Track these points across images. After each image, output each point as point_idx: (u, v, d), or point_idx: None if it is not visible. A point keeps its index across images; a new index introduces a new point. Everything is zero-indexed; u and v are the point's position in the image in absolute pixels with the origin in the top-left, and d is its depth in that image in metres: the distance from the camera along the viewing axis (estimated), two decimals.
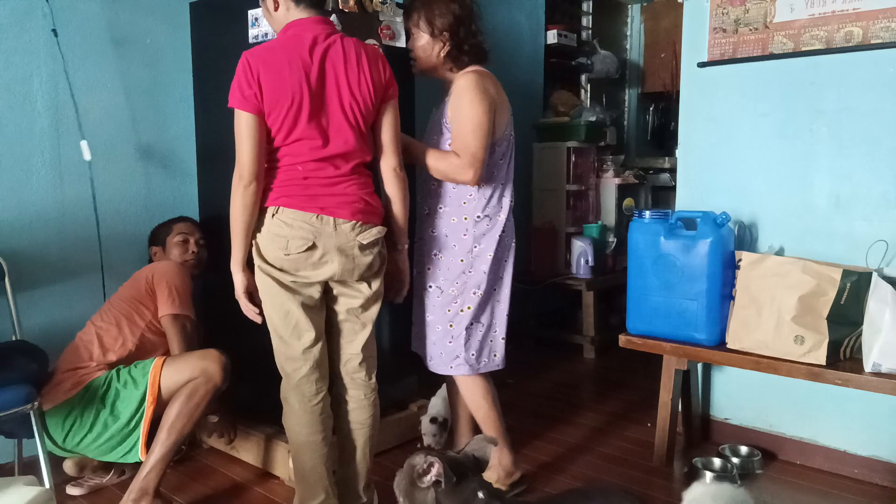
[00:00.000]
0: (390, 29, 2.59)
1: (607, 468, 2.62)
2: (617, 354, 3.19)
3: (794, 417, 2.67)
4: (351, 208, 1.93)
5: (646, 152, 5.26)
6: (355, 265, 1.96)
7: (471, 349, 2.27)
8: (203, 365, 2.23)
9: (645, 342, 2.58)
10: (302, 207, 1.90)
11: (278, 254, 1.91)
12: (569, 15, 4.84)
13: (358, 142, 1.94)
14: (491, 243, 2.24)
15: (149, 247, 2.67)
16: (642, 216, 2.60)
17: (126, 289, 2.45)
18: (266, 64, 1.85)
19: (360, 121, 1.94)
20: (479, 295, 2.25)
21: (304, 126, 1.88)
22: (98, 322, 2.38)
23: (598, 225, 4.18)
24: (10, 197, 2.48)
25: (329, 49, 1.90)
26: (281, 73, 1.85)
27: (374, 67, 1.95)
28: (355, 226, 1.94)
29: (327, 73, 1.89)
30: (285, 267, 1.93)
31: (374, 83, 1.94)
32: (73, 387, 2.21)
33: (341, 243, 1.93)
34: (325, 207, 1.91)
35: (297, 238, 1.90)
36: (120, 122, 2.73)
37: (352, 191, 1.95)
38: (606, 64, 4.88)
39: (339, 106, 1.91)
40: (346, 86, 1.91)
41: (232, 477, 2.55)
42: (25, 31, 2.47)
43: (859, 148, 2.44)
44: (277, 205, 1.91)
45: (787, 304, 2.25)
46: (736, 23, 2.64)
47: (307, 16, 1.93)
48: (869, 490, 2.45)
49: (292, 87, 1.85)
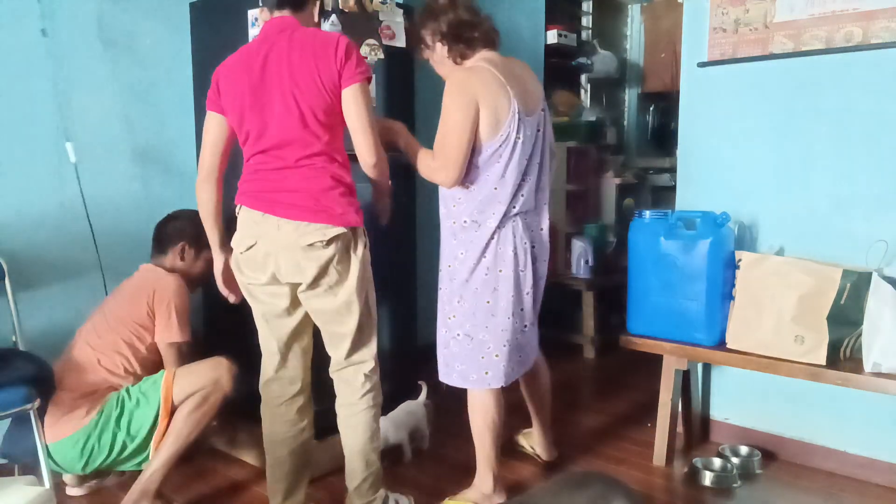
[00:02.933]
0: (390, 29, 2.59)
1: (607, 468, 2.62)
2: (617, 354, 3.19)
3: (794, 417, 2.67)
4: (295, 208, 1.87)
5: (646, 152, 5.26)
6: (299, 268, 1.90)
7: (458, 361, 2.20)
8: (214, 375, 2.25)
9: (645, 342, 2.58)
10: (251, 205, 1.93)
11: (235, 252, 2.00)
12: (569, 15, 4.84)
13: (301, 131, 1.87)
14: (474, 251, 2.13)
15: (177, 241, 2.47)
16: (642, 216, 2.60)
17: (123, 304, 2.35)
18: (225, 70, 1.96)
19: (304, 108, 1.86)
20: (464, 305, 2.17)
21: (249, 119, 1.91)
22: (93, 341, 2.30)
23: (598, 225, 4.18)
24: (10, 197, 2.48)
25: (277, 42, 1.89)
26: (234, 73, 1.93)
27: (324, 52, 1.86)
28: (299, 226, 1.87)
29: (269, 65, 1.88)
30: (240, 266, 2.00)
31: (321, 68, 1.85)
32: (87, 413, 2.19)
33: (284, 244, 1.89)
34: (272, 205, 1.89)
35: (242, 237, 1.96)
36: (119, 122, 2.73)
37: (299, 185, 1.88)
38: (606, 64, 4.89)
39: (280, 95, 1.87)
40: (289, 75, 1.86)
41: (232, 477, 2.55)
42: (25, 30, 2.47)
43: (859, 148, 2.44)
44: (238, 203, 1.98)
45: (787, 304, 2.25)
46: (736, 23, 2.64)
47: (275, 17, 1.96)
48: (869, 490, 2.45)
49: (240, 84, 1.91)
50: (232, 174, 2.03)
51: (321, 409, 2.53)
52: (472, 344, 2.18)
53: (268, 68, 1.88)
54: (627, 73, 5.35)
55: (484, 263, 2.15)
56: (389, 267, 2.55)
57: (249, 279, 2.00)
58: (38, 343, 2.39)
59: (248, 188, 1.94)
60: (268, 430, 2.13)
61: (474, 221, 2.14)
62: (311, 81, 1.85)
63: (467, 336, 2.18)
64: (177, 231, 2.48)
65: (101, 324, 2.35)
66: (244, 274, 2.00)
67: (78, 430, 2.18)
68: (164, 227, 2.51)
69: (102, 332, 2.33)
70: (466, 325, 2.18)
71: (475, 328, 2.17)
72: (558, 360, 3.99)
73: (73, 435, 2.17)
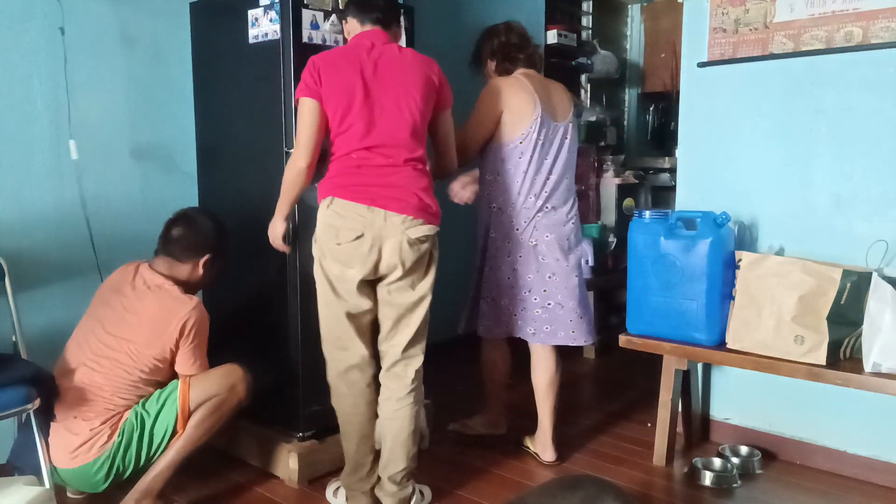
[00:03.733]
0: None
1: (607, 468, 2.62)
2: (617, 354, 3.19)
3: (794, 417, 2.67)
4: (402, 203, 2.01)
5: (646, 152, 5.25)
6: (401, 259, 2.02)
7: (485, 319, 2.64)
8: (229, 382, 2.24)
9: (645, 342, 2.58)
10: (354, 199, 2.00)
11: (331, 244, 2.02)
12: (569, 15, 4.83)
13: (409, 135, 2.05)
14: (501, 233, 2.54)
15: (203, 252, 2.29)
16: (642, 216, 2.60)
17: (139, 332, 2.16)
18: (326, 62, 2.04)
19: (415, 116, 2.06)
20: (492, 275, 2.59)
21: (355, 114, 2.01)
22: (96, 367, 2.15)
23: (598, 225, 4.18)
24: (10, 197, 2.47)
25: (385, 52, 2.09)
26: (338, 68, 2.03)
27: (425, 70, 2.11)
28: (405, 220, 2.01)
29: (381, 70, 2.05)
30: (336, 257, 2.03)
31: (424, 83, 2.09)
32: (108, 439, 2.14)
33: (390, 235, 2.00)
34: (377, 199, 1.99)
35: (348, 228, 1.99)
36: (119, 122, 2.73)
37: (405, 183, 2.03)
38: (606, 64, 4.88)
39: (394, 100, 2.04)
40: (402, 84, 2.06)
41: (232, 477, 2.55)
42: (26, 31, 2.47)
43: (859, 148, 2.44)
44: (332, 195, 2.02)
45: (787, 304, 2.25)
46: (736, 23, 2.64)
47: (370, 29, 2.13)
48: (869, 490, 2.45)
49: (347, 79, 2.02)
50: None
51: (321, 409, 2.54)
52: (496, 307, 2.58)
53: (381, 72, 2.05)
54: (627, 73, 5.34)
55: (507, 247, 2.54)
56: None
57: (340, 273, 2.04)
58: (38, 342, 2.38)
59: (350, 182, 2.01)
60: (351, 413, 2.17)
61: (499, 208, 2.53)
62: (420, 96, 2.08)
63: (493, 300, 2.59)
64: (204, 239, 2.31)
65: (106, 348, 2.17)
66: (335, 266, 2.05)
67: (101, 454, 2.14)
68: (183, 233, 2.30)
69: (110, 362, 2.16)
70: (493, 292, 2.58)
71: (500, 296, 2.57)
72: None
73: (96, 459, 2.13)
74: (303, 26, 2.34)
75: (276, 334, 2.50)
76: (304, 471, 2.45)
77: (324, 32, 2.40)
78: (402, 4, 2.63)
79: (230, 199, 2.66)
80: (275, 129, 2.38)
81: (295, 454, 2.43)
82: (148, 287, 2.25)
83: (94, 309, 2.30)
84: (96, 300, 2.34)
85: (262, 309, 2.59)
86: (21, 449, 2.22)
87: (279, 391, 2.53)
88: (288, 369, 2.47)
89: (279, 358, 2.49)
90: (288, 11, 2.31)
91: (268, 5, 2.36)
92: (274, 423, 2.57)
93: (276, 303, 2.48)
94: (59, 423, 2.16)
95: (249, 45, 2.45)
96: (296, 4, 2.31)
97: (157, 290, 2.24)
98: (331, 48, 2.41)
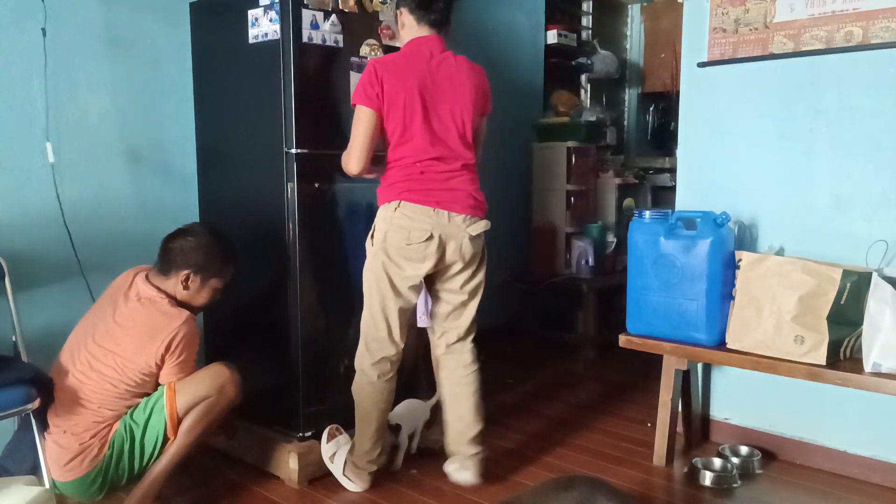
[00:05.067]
0: (390, 29, 2.59)
1: (607, 468, 2.62)
2: (617, 354, 3.18)
3: (794, 417, 2.67)
4: (463, 203, 2.23)
5: (646, 152, 5.26)
6: (462, 253, 2.25)
7: None
8: (217, 384, 2.19)
9: (645, 342, 2.58)
10: (421, 202, 2.19)
11: (401, 243, 2.19)
12: (569, 15, 4.84)
13: (462, 144, 2.24)
14: None
15: (182, 267, 2.23)
16: (642, 216, 2.60)
17: (126, 344, 2.14)
18: (388, 71, 2.16)
19: (464, 127, 2.24)
20: None
21: (418, 125, 2.17)
22: (84, 379, 2.13)
23: (598, 225, 4.19)
24: (10, 197, 2.47)
25: (443, 62, 2.22)
26: (401, 78, 2.16)
27: (477, 81, 2.28)
28: (466, 219, 2.23)
29: (439, 81, 2.20)
30: (406, 255, 2.20)
31: (475, 94, 2.26)
32: (99, 452, 2.13)
33: (454, 233, 2.22)
34: (441, 202, 2.20)
35: (418, 229, 2.18)
36: (119, 122, 2.73)
37: (462, 186, 2.24)
38: (606, 64, 4.88)
39: (449, 111, 2.21)
40: (456, 94, 2.22)
41: (232, 477, 2.55)
42: (25, 31, 2.47)
43: (859, 148, 2.44)
44: (400, 199, 2.19)
45: (787, 304, 2.25)
46: (736, 23, 2.64)
47: (427, 34, 2.24)
48: (869, 490, 2.45)
49: (410, 91, 2.15)
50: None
51: (321, 409, 2.54)
52: None
53: (440, 84, 2.20)
54: (627, 73, 5.35)
55: None
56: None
57: (408, 270, 2.22)
58: (38, 342, 2.38)
59: (416, 187, 2.20)
60: (378, 399, 2.34)
61: None
62: (473, 107, 2.25)
63: None
64: (182, 255, 2.24)
65: (93, 359, 2.15)
66: (405, 264, 2.21)
67: (93, 468, 2.12)
68: (170, 246, 2.26)
69: (97, 375, 2.14)
70: None
71: None
72: (558, 360, 4.02)
73: (88, 473, 2.12)
74: (303, 26, 2.34)
75: (276, 334, 2.50)
76: (304, 471, 2.45)
77: (324, 32, 2.40)
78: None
79: (230, 200, 2.66)
80: (275, 130, 2.38)
81: (295, 454, 2.43)
82: (139, 299, 2.21)
83: (90, 315, 2.28)
84: (95, 306, 2.33)
85: (262, 309, 2.59)
86: (15, 449, 2.21)
87: (279, 391, 2.53)
88: (288, 369, 2.47)
89: (279, 358, 2.49)
90: (288, 11, 2.31)
91: (268, 5, 2.36)
92: (274, 423, 2.57)
93: (276, 303, 2.48)
94: (51, 435, 2.13)
95: (249, 45, 2.45)
96: (296, 4, 2.31)
97: (148, 303, 2.20)
98: (331, 48, 2.42)
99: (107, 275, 2.57)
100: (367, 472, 2.39)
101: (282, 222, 2.41)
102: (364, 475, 2.40)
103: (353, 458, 2.40)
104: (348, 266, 2.54)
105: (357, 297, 2.37)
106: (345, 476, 2.40)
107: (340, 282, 2.54)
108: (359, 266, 2.35)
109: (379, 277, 2.26)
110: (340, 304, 2.55)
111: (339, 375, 2.56)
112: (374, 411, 2.34)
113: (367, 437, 2.36)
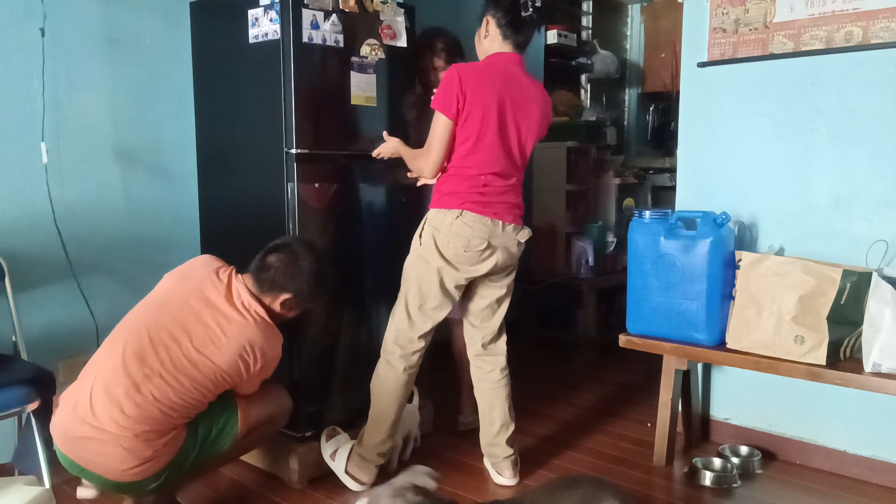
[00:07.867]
0: (391, 29, 2.59)
1: (607, 468, 2.62)
2: (617, 354, 3.18)
3: (794, 417, 2.67)
4: (512, 214, 2.35)
5: (646, 152, 5.26)
6: (510, 259, 2.38)
7: None
8: (283, 407, 2.29)
9: (645, 342, 2.58)
10: (481, 212, 2.28)
11: (458, 250, 2.28)
12: (569, 15, 4.84)
13: (520, 161, 2.36)
14: None
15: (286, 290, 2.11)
16: (642, 216, 2.60)
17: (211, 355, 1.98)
18: (472, 80, 2.21)
19: (525, 147, 2.34)
20: None
21: (490, 140, 2.25)
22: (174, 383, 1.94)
23: (597, 225, 4.18)
24: (10, 197, 2.48)
25: (522, 83, 2.30)
26: (483, 91, 2.22)
27: (546, 109, 2.37)
28: (515, 228, 2.36)
29: (515, 100, 2.27)
30: (461, 261, 2.30)
31: (541, 119, 2.34)
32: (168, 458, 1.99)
33: (506, 241, 2.34)
34: (497, 213, 2.31)
35: (477, 237, 2.28)
36: (119, 122, 2.73)
37: (513, 199, 2.36)
38: (606, 64, 4.88)
39: (516, 130, 2.29)
40: (524, 116, 2.29)
41: (234, 478, 2.55)
42: (25, 31, 2.47)
43: (859, 148, 2.44)
44: (462, 209, 2.27)
45: (787, 304, 2.25)
46: (736, 23, 2.64)
47: (509, 51, 2.30)
48: (869, 490, 2.45)
49: (488, 105, 2.22)
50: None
51: (321, 409, 2.54)
52: None
53: (515, 103, 2.27)
54: (627, 73, 5.35)
55: None
56: (390, 276, 2.54)
57: (462, 273, 2.31)
58: (38, 342, 2.39)
59: (477, 199, 2.29)
60: (394, 394, 2.39)
61: None
62: (537, 132, 2.35)
63: None
64: (288, 278, 2.11)
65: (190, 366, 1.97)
66: (463, 268, 2.30)
67: (158, 470, 1.99)
68: (273, 263, 2.12)
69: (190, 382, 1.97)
70: None
71: None
72: (558, 360, 4.02)
73: (153, 476, 2.00)
74: (303, 26, 2.33)
75: None
76: (304, 471, 2.45)
77: (324, 32, 2.40)
78: (403, 4, 2.63)
79: (230, 200, 2.66)
80: (275, 130, 2.38)
81: (295, 454, 2.43)
82: (247, 310, 2.06)
83: (175, 311, 2.03)
84: (169, 296, 2.08)
85: None
86: (27, 452, 2.19)
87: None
88: (288, 369, 2.47)
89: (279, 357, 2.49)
90: (288, 11, 2.31)
91: (268, 5, 2.36)
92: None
93: None
94: (113, 438, 1.90)
95: (249, 45, 2.45)
96: (296, 4, 2.31)
97: (260, 320, 2.06)
98: (331, 48, 2.41)
99: (107, 275, 2.58)
100: (374, 464, 2.40)
101: (282, 222, 2.40)
102: (371, 468, 2.40)
103: (360, 450, 2.41)
104: (348, 266, 2.54)
105: (357, 297, 2.37)
106: (347, 474, 2.40)
107: (340, 282, 2.54)
108: (359, 266, 2.35)
109: (424, 279, 2.32)
110: (340, 304, 2.55)
111: (339, 376, 2.56)
112: (393, 404, 2.39)
113: (383, 430, 2.39)
